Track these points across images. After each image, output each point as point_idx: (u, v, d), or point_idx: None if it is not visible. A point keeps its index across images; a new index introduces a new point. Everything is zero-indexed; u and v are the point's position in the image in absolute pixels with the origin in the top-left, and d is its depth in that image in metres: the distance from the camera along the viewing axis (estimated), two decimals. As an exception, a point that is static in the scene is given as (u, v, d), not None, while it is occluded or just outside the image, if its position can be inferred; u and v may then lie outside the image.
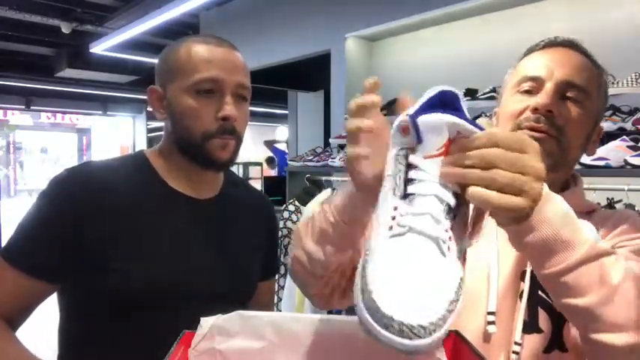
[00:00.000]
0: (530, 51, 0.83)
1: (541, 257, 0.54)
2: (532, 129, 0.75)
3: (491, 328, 0.73)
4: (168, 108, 0.92)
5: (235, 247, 0.98)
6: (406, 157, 0.48)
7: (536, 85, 0.77)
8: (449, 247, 0.45)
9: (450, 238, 0.45)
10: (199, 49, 0.89)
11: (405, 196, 0.47)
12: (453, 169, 0.47)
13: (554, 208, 0.53)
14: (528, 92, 0.78)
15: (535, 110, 0.75)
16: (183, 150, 0.92)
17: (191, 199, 0.95)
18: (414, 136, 0.47)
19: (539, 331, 0.73)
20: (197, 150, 0.90)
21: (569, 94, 0.76)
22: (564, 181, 0.83)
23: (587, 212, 0.80)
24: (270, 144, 7.75)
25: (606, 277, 0.54)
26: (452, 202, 0.47)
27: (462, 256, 0.48)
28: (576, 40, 0.81)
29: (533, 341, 0.72)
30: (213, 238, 0.95)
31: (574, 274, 0.53)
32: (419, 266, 0.42)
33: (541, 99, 0.74)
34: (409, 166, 0.48)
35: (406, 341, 0.38)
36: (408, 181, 0.47)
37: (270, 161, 8.90)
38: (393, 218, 0.46)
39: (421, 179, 0.47)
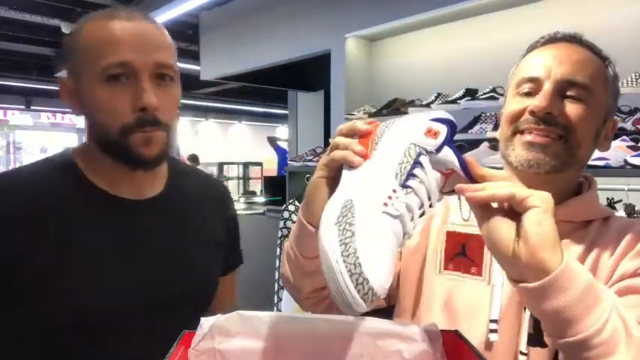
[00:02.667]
0: (531, 48, 0.81)
1: (565, 324, 0.54)
2: (531, 132, 0.73)
3: (492, 337, 0.72)
4: (81, 101, 0.79)
5: (188, 247, 0.88)
6: (419, 155, 0.55)
7: (535, 86, 0.75)
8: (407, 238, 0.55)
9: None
10: (103, 28, 0.75)
11: (404, 185, 0.53)
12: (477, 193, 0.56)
13: (577, 266, 0.55)
14: (528, 94, 0.75)
15: (533, 113, 0.73)
16: (104, 148, 0.80)
17: (130, 201, 0.83)
18: (439, 146, 0.55)
19: (543, 345, 0.70)
20: (117, 147, 0.77)
21: (569, 93, 0.73)
22: (577, 184, 0.80)
23: (602, 219, 0.77)
24: (273, 141, 7.65)
25: (629, 330, 0.55)
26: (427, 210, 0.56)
27: None
28: (578, 34, 0.78)
29: (539, 354, 0.70)
30: (162, 241, 0.84)
31: (603, 335, 0.53)
32: (391, 248, 0.51)
33: (538, 101, 0.72)
34: (417, 164, 0.54)
35: (360, 302, 0.46)
36: (410, 175, 0.54)
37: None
38: (390, 198, 0.53)
39: (422, 181, 0.54)
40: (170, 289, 0.82)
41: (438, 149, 0.55)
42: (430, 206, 0.55)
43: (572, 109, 0.72)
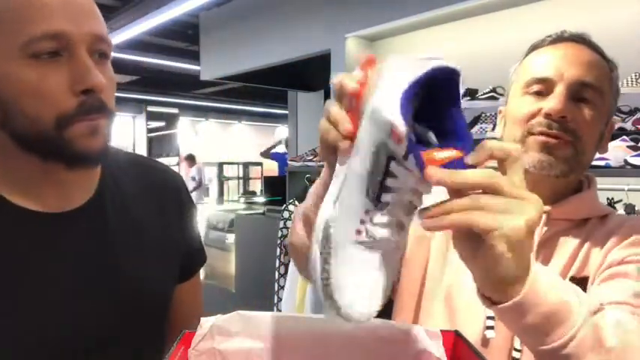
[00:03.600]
0: (535, 47, 0.80)
1: (535, 337, 0.53)
2: (543, 134, 0.72)
3: (489, 333, 0.72)
4: None
5: (129, 256, 0.72)
6: (389, 160, 0.44)
7: (545, 86, 0.74)
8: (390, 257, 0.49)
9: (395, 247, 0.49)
10: None
11: (378, 202, 0.45)
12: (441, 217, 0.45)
13: (546, 284, 0.50)
14: (538, 93, 0.75)
15: (548, 115, 0.72)
16: (26, 145, 0.62)
17: (51, 216, 0.66)
18: (405, 153, 0.42)
19: None
20: (52, 143, 0.60)
21: (580, 95, 0.73)
22: (577, 183, 0.81)
23: (600, 217, 0.77)
24: (266, 153, 7.64)
25: (602, 341, 0.53)
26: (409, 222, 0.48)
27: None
28: (585, 35, 0.78)
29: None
30: (96, 259, 0.69)
31: (570, 346, 0.52)
32: (373, 276, 0.47)
33: (554, 104, 0.71)
34: (388, 175, 0.44)
35: (339, 319, 0.46)
36: (383, 188, 0.44)
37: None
38: (363, 222, 0.45)
39: (400, 189, 0.44)
40: (104, 317, 0.68)
41: (405, 156, 0.42)
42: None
43: (583, 113, 0.72)
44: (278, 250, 2.66)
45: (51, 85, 0.59)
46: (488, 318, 0.73)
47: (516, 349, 0.71)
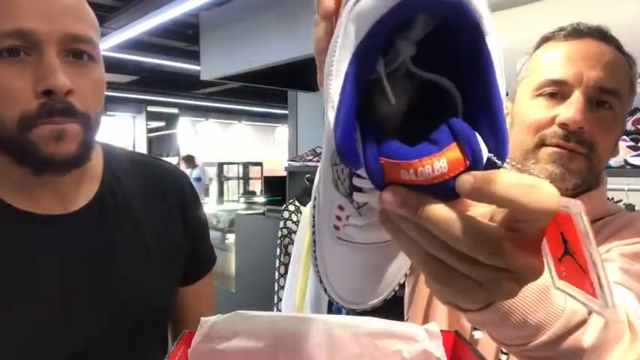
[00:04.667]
0: (546, 39, 0.74)
1: (503, 338, 0.46)
2: (558, 146, 0.68)
3: (477, 334, 0.71)
4: None
5: (130, 258, 0.70)
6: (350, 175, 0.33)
7: (561, 89, 0.69)
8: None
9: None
10: None
11: (351, 200, 0.34)
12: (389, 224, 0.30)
13: (526, 290, 0.42)
14: (552, 95, 0.69)
15: (564, 126, 0.67)
16: (0, 147, 0.61)
17: (49, 218, 0.64)
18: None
19: None
20: (17, 146, 0.58)
21: (599, 99, 0.68)
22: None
23: (607, 217, 0.74)
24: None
25: (578, 345, 0.46)
26: None
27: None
28: (604, 29, 0.72)
29: None
30: (96, 261, 0.67)
31: (540, 351, 0.46)
32: (363, 273, 0.42)
33: (572, 114, 0.65)
34: (354, 174, 0.32)
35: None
36: (352, 186, 0.33)
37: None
38: (338, 219, 0.36)
39: (370, 190, 0.32)
40: (104, 319, 0.67)
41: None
42: None
43: (601, 122, 0.68)
44: (278, 250, 2.65)
45: (13, 85, 0.57)
46: None
47: (503, 352, 0.70)
